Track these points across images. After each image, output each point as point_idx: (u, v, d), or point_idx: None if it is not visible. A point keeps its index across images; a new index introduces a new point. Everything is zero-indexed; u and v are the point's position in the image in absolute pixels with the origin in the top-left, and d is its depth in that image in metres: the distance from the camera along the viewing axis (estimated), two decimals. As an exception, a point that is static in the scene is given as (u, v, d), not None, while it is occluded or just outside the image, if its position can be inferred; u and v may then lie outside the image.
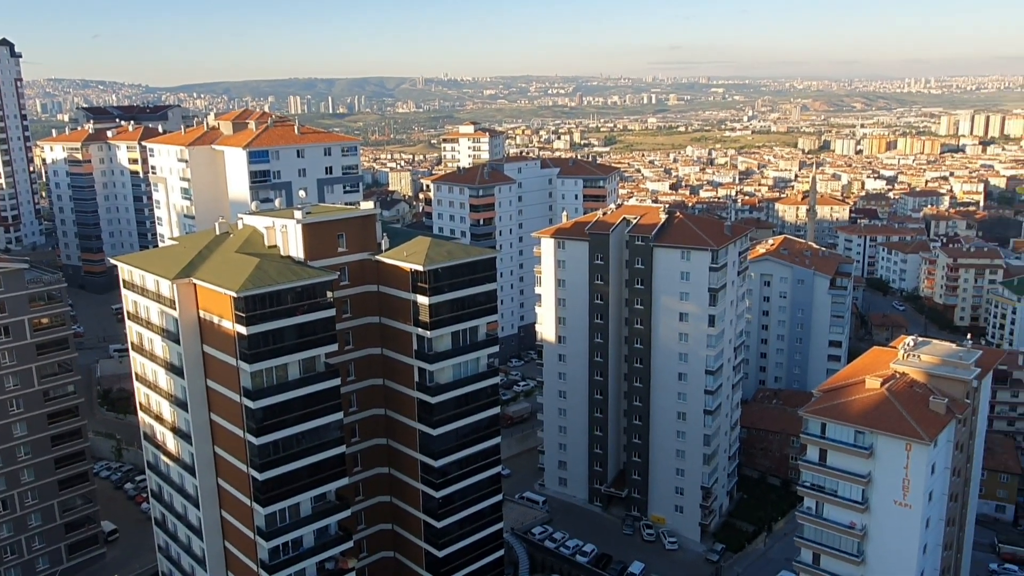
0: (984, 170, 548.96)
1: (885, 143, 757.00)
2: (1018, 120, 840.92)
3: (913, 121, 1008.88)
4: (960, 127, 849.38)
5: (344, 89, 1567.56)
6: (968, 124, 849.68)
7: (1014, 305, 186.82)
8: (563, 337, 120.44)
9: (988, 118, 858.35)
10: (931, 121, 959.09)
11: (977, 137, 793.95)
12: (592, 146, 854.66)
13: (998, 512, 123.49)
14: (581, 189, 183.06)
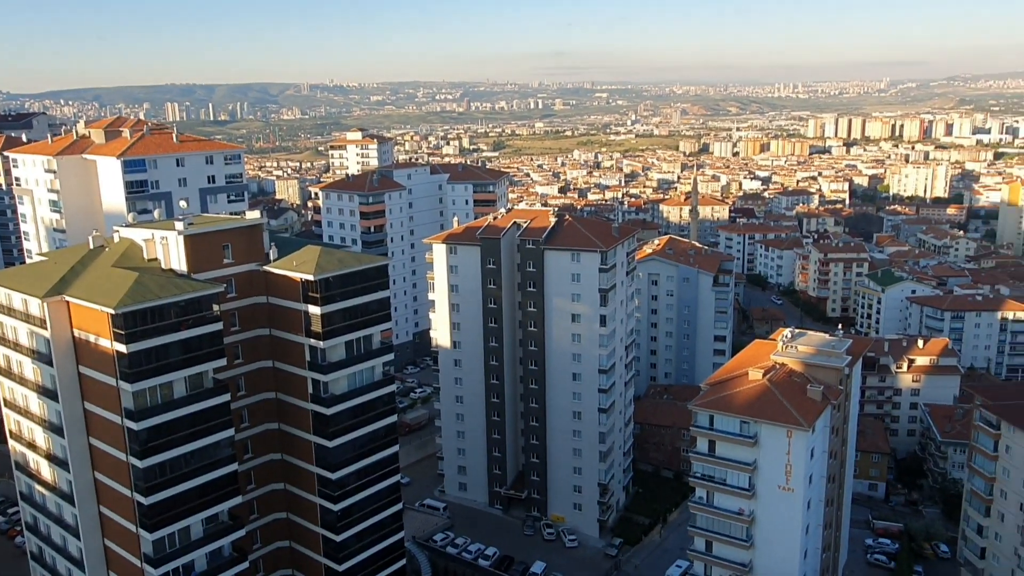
0: (848, 170, 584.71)
1: (759, 145, 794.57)
2: (877, 123, 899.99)
3: (784, 124, 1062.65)
4: (826, 130, 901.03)
5: (225, 95, 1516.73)
6: (833, 127, 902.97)
7: (879, 296, 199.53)
8: (458, 342, 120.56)
9: (851, 121, 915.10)
10: (800, 124, 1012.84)
11: (841, 139, 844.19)
12: (481, 151, 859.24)
13: (871, 490, 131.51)
14: (471, 194, 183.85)
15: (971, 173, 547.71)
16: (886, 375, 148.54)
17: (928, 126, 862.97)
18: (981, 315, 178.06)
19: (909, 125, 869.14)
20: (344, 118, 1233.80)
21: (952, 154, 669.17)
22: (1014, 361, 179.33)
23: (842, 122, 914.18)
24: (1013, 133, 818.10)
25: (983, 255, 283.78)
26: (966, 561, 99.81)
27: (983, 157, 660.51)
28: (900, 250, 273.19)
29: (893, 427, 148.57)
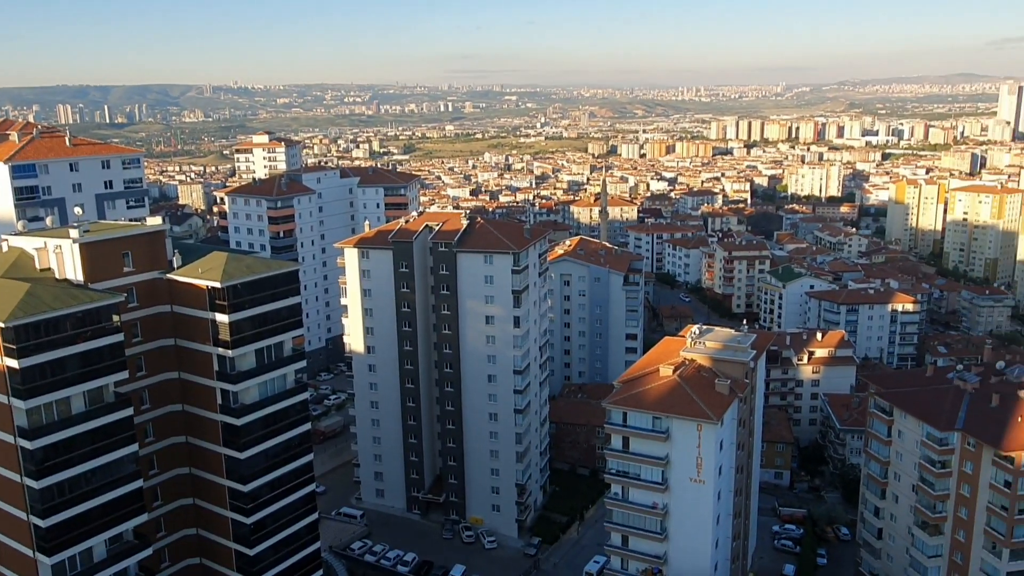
0: (749, 170, 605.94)
1: (665, 147, 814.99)
2: (775, 125, 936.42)
3: (688, 127, 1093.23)
4: (727, 132, 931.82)
5: (122, 97, 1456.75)
6: (734, 129, 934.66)
7: (780, 291, 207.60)
8: (372, 347, 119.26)
9: (750, 123, 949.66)
10: (703, 126, 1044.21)
11: (742, 140, 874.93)
12: (391, 154, 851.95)
13: (777, 479, 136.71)
14: (382, 198, 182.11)
15: (861, 173, 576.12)
16: (788, 367, 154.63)
17: (821, 128, 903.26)
18: (873, 308, 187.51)
19: (804, 127, 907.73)
20: (250, 121, 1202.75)
21: (844, 155, 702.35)
22: (903, 350, 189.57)
23: (742, 124, 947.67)
24: (899, 135, 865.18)
25: (874, 251, 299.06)
26: (865, 542, 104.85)
27: (872, 158, 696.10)
28: (799, 247, 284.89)
29: (796, 417, 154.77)
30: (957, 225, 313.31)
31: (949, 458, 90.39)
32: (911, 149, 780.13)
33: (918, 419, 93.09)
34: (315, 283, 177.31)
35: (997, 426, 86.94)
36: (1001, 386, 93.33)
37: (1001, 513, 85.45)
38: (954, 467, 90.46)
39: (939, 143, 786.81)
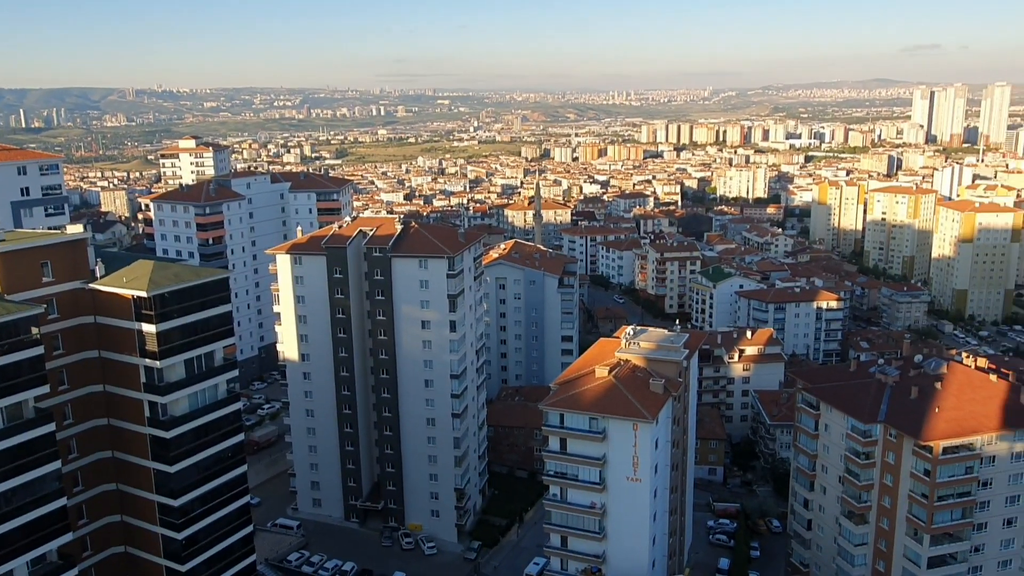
0: (679, 173, 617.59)
1: (597, 150, 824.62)
2: (703, 129, 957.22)
3: (619, 130, 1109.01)
4: (658, 135, 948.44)
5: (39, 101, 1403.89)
6: (664, 133, 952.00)
7: (710, 291, 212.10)
8: (307, 354, 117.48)
9: (679, 127, 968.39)
10: (634, 130, 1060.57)
11: (672, 144, 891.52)
12: (323, 159, 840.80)
13: (711, 475, 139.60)
14: (315, 203, 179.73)
15: (786, 175, 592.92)
16: (720, 366, 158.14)
17: (748, 132, 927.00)
18: (800, 306, 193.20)
19: (731, 131, 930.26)
20: (175, 125, 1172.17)
21: (769, 157, 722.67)
22: (829, 346, 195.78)
23: (672, 128, 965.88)
24: (820, 138, 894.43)
25: (799, 250, 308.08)
26: (795, 533, 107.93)
27: (796, 160, 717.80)
28: (728, 248, 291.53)
29: (728, 414, 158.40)
30: (876, 225, 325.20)
31: (873, 449, 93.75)
32: (832, 152, 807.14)
33: (843, 413, 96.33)
34: (246, 290, 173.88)
35: (916, 417, 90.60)
36: (919, 378, 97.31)
37: (921, 500, 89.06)
38: (877, 458, 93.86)
39: (858, 146, 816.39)
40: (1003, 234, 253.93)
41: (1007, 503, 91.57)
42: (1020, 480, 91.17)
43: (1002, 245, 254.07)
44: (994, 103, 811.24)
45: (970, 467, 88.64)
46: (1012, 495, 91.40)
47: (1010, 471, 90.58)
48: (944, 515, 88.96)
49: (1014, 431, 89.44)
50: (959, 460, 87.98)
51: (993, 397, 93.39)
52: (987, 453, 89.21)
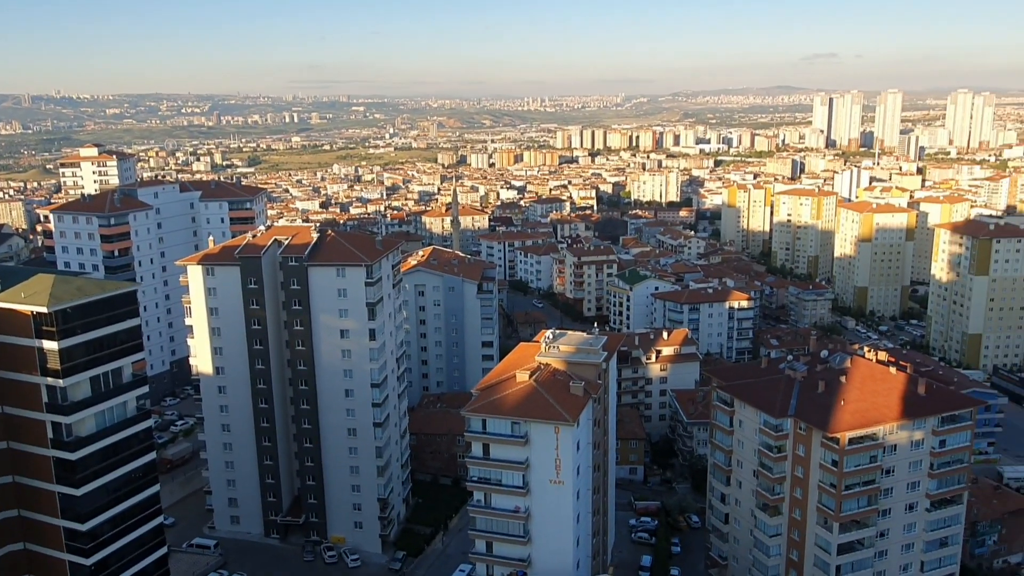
0: (595, 178, 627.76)
1: (513, 156, 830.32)
2: (616, 134, 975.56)
3: (535, 136, 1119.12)
4: (572, 141, 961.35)
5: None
6: (579, 138, 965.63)
7: (627, 294, 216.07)
8: (221, 367, 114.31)
9: (594, 133, 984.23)
10: (549, 136, 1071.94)
11: (587, 149, 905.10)
12: (235, 167, 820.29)
13: (631, 474, 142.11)
14: (227, 212, 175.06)
15: (697, 179, 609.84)
16: (638, 366, 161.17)
17: (659, 137, 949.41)
18: (713, 306, 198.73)
19: (644, 136, 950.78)
20: (76, 133, 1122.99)
21: (681, 162, 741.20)
22: (741, 345, 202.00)
23: (586, 134, 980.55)
24: (728, 143, 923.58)
25: (711, 252, 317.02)
26: (713, 527, 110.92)
27: (706, 164, 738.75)
28: (643, 251, 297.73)
29: (647, 414, 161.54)
30: (782, 226, 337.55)
31: (784, 443, 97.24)
32: (740, 156, 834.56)
33: (755, 408, 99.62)
34: (156, 303, 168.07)
35: (824, 410, 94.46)
36: (825, 373, 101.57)
37: (830, 490, 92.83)
38: (789, 451, 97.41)
39: (764, 150, 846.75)
40: (898, 233, 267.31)
41: (908, 489, 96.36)
42: (920, 466, 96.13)
43: (898, 244, 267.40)
44: (887, 109, 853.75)
45: (874, 456, 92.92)
46: (912, 481, 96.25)
47: (910, 458, 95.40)
48: (851, 503, 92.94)
49: (913, 420, 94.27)
50: (864, 450, 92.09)
51: (893, 389, 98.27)
52: (889, 442, 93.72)
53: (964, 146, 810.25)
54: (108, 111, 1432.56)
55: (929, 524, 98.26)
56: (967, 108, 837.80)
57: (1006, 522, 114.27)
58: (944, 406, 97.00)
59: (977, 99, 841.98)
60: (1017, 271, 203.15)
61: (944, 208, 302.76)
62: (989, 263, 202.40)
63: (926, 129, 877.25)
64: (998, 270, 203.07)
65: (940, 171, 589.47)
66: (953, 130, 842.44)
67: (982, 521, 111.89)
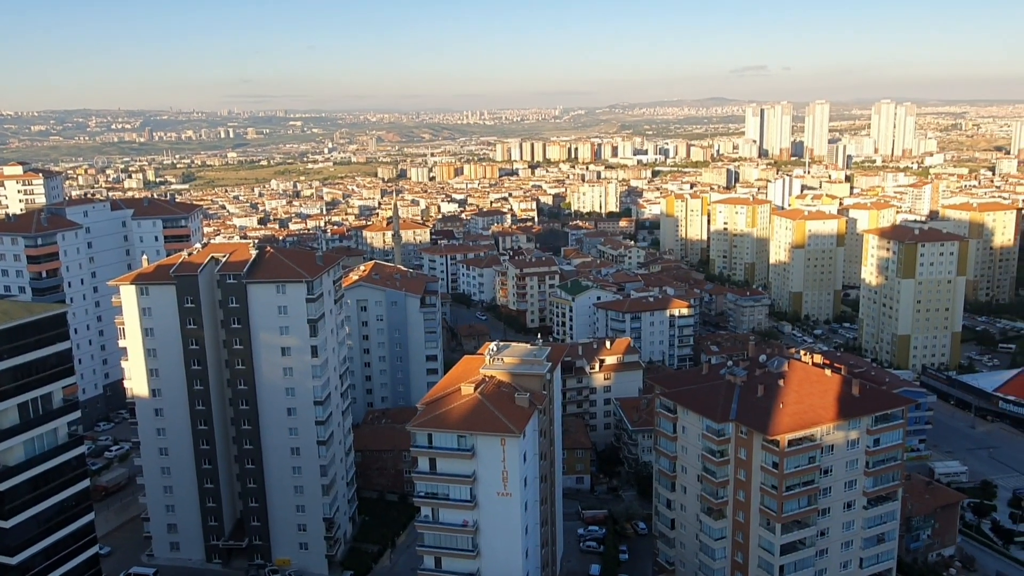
0: (535, 190, 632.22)
1: (453, 169, 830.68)
2: (555, 146, 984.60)
3: (474, 149, 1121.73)
4: (512, 153, 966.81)
5: None
6: (518, 151, 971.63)
7: (570, 304, 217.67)
8: (158, 390, 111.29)
9: (533, 145, 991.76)
10: (489, 149, 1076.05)
11: (526, 161, 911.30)
12: (169, 184, 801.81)
13: (578, 483, 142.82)
14: (161, 230, 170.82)
15: (636, 189, 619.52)
16: (582, 376, 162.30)
17: (598, 149, 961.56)
18: (654, 314, 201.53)
19: (582, 148, 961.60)
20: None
21: (619, 173, 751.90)
22: (682, 352, 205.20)
23: (526, 146, 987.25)
24: (665, 154, 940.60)
25: (651, 261, 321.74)
26: (660, 533, 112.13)
27: (644, 175, 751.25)
28: (584, 261, 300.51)
29: (592, 423, 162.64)
30: (719, 234, 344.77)
31: (726, 447, 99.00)
32: (676, 166, 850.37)
33: (698, 414, 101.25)
34: (87, 325, 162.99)
35: (764, 414, 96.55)
36: (764, 377, 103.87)
37: (772, 492, 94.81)
38: (731, 455, 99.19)
39: (700, 160, 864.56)
40: (830, 239, 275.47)
41: (846, 488, 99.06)
42: (856, 465, 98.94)
43: (829, 250, 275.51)
44: (816, 119, 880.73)
45: (813, 457, 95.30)
46: (849, 480, 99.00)
47: (847, 458, 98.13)
48: (792, 504, 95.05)
49: (848, 420, 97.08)
50: (803, 451, 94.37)
51: (829, 390, 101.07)
52: (827, 443, 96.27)
53: (888, 154, 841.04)
54: (33, 128, 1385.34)
55: (866, 521, 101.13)
56: (891, 118, 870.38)
57: (938, 516, 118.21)
58: (877, 406, 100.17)
59: (899, 109, 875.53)
60: (941, 274, 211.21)
61: (872, 214, 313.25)
62: (915, 266, 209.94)
63: (853, 138, 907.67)
64: (923, 273, 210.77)
65: (867, 178, 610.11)
66: (878, 139, 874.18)
67: (916, 516, 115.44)
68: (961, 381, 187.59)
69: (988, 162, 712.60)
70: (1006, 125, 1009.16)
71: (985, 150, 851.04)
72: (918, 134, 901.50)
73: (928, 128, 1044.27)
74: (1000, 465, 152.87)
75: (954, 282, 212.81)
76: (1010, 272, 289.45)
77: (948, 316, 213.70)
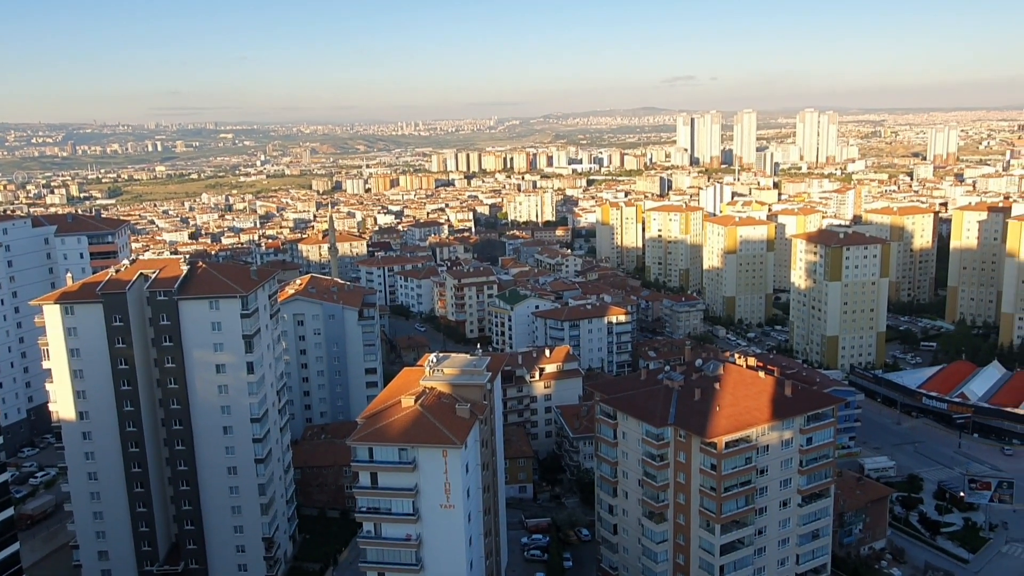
0: (471, 200, 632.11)
1: (389, 181, 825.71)
2: (491, 156, 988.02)
3: (410, 160, 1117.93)
4: (448, 164, 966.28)
5: None
6: (454, 161, 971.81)
7: (509, 314, 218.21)
8: (85, 412, 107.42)
9: (468, 155, 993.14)
10: (424, 160, 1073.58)
11: (462, 172, 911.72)
12: (94, 199, 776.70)
13: (521, 492, 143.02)
14: (86, 247, 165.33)
15: (571, 198, 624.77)
16: (522, 385, 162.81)
17: (533, 158, 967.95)
18: (592, 322, 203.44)
19: (518, 158, 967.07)
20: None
21: (555, 182, 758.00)
22: (621, 358, 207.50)
23: (461, 157, 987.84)
24: (599, 163, 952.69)
25: (588, 269, 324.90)
26: (603, 539, 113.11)
27: (579, 184, 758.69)
28: (522, 270, 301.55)
29: (533, 431, 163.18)
30: (654, 241, 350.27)
31: (666, 451, 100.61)
32: (611, 175, 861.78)
33: (637, 419, 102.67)
34: (8, 347, 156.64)
35: (701, 417, 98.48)
36: (701, 381, 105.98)
37: (711, 493, 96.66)
38: (671, 459, 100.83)
39: (633, 169, 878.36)
40: (760, 245, 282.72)
41: (781, 486, 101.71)
42: (790, 464, 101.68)
43: (760, 254, 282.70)
44: (744, 128, 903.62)
45: (749, 458, 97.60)
46: (785, 479, 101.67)
47: (781, 457, 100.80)
48: (731, 504, 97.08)
49: (782, 421, 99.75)
50: (740, 452, 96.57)
51: (763, 392, 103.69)
52: (762, 443, 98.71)
53: (814, 161, 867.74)
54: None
55: (801, 518, 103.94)
56: (814, 126, 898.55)
57: (869, 511, 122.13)
58: (809, 405, 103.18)
59: (822, 118, 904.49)
60: (866, 276, 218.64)
61: (799, 220, 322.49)
62: (841, 269, 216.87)
63: (780, 146, 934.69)
64: (849, 276, 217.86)
65: (794, 185, 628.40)
66: (803, 146, 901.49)
67: (848, 512, 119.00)
68: (887, 379, 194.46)
69: (906, 168, 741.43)
70: (922, 132, 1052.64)
71: (903, 156, 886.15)
72: (840, 141, 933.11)
73: (850, 136, 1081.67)
74: (925, 459, 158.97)
75: (878, 284, 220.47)
76: (929, 273, 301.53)
77: (873, 317, 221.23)
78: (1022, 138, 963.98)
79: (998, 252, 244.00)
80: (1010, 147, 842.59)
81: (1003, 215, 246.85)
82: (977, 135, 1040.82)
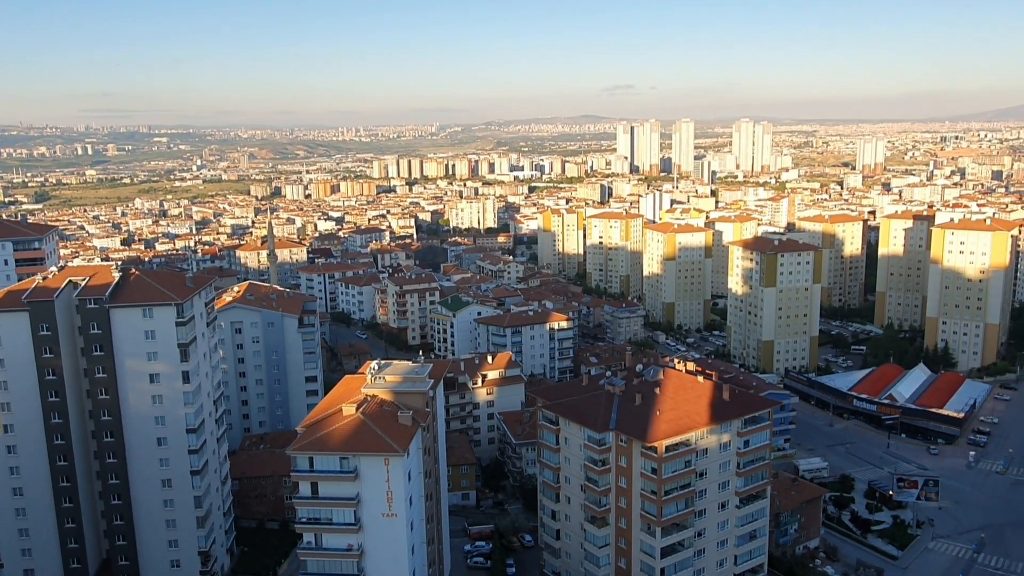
0: (413, 207, 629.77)
1: (330, 187, 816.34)
2: (433, 163, 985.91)
3: (351, 166, 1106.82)
4: (389, 170, 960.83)
5: None
6: (396, 168, 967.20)
7: (451, 320, 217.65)
8: (10, 425, 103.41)
9: (410, 162, 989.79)
10: (365, 166, 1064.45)
11: (404, 178, 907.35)
12: (20, 203, 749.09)
13: (464, 499, 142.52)
14: (11, 253, 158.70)
15: (513, 205, 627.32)
16: (465, 392, 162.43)
17: (475, 165, 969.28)
18: (534, 328, 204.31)
19: (460, 165, 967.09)
20: None
21: (496, 189, 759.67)
22: (562, 364, 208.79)
23: (403, 163, 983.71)
24: (541, 170, 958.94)
25: (530, 276, 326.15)
26: (546, 544, 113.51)
27: (521, 191, 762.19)
28: (464, 277, 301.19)
29: (476, 438, 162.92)
30: (595, 248, 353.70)
31: (607, 456, 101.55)
32: (552, 182, 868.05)
33: (579, 425, 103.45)
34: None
35: (642, 421, 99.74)
36: (641, 386, 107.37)
37: (651, 497, 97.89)
38: (612, 463, 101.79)
39: (574, 176, 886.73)
40: (698, 251, 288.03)
41: (720, 489, 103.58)
42: (728, 467, 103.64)
43: (698, 261, 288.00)
44: (682, 137, 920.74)
45: (688, 461, 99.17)
46: (723, 481, 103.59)
47: (720, 460, 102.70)
48: (671, 507, 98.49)
49: (720, 424, 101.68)
50: (679, 456, 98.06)
51: (702, 396, 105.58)
52: (701, 447, 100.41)
53: (749, 170, 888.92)
54: None
55: (739, 520, 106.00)
56: (750, 136, 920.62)
57: (804, 511, 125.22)
58: (746, 409, 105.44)
59: (757, 127, 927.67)
60: (799, 282, 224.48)
61: (736, 227, 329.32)
62: (776, 275, 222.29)
63: (716, 155, 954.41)
64: (784, 281, 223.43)
65: (731, 193, 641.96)
66: (739, 155, 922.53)
67: (784, 512, 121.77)
68: (819, 382, 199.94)
69: (837, 177, 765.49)
70: (851, 143, 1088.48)
71: (834, 166, 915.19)
72: (775, 151, 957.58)
73: (783, 145, 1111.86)
74: (856, 459, 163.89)
75: (811, 289, 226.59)
76: (859, 279, 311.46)
77: (807, 321, 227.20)
78: (944, 149, 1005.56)
79: (923, 259, 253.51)
80: (933, 158, 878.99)
81: (927, 223, 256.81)
82: (903, 146, 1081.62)
